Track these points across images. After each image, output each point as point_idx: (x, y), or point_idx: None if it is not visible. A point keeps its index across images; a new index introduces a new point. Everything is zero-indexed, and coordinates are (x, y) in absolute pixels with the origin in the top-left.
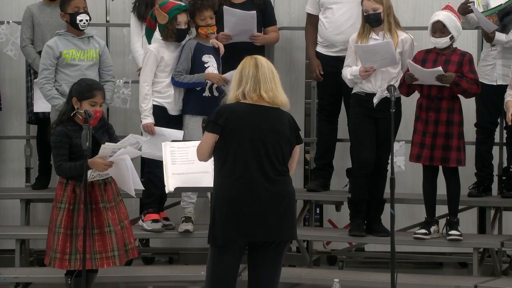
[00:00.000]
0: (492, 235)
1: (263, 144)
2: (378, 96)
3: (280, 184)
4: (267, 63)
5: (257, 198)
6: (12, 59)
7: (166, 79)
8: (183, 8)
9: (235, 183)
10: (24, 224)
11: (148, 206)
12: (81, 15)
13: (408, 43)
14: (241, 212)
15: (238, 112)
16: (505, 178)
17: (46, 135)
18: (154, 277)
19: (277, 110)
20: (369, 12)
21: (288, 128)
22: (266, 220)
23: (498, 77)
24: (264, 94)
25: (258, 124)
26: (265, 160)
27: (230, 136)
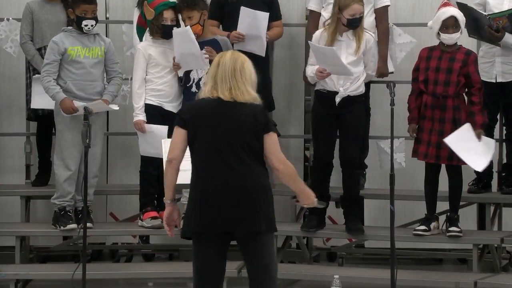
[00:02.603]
0: (492, 231)
1: (224, 136)
2: (340, 95)
3: (242, 174)
4: (232, 60)
5: (217, 189)
6: (11, 56)
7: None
8: (170, 4)
9: (198, 175)
10: (24, 221)
11: (146, 205)
12: (87, 20)
13: (371, 42)
14: (203, 203)
15: (200, 106)
16: (505, 175)
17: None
18: (154, 274)
19: (240, 103)
20: (356, 16)
21: (252, 118)
22: (225, 211)
23: (497, 74)
24: (221, 95)
25: (218, 117)
26: (226, 152)
27: (194, 129)
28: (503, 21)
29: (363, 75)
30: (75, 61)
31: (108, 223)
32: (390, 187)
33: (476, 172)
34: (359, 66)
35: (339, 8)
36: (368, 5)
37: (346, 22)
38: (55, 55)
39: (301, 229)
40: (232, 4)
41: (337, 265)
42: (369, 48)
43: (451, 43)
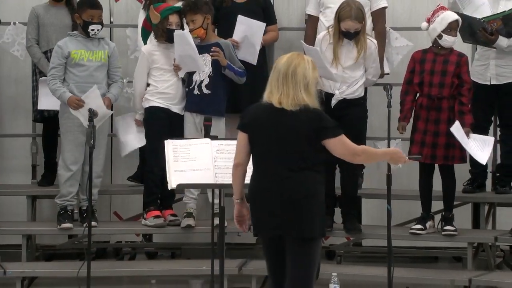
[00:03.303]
0: (486, 230)
1: (276, 143)
2: (335, 98)
3: (291, 181)
4: (285, 65)
5: (269, 194)
6: (18, 59)
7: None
8: (175, 9)
9: (255, 178)
10: (30, 220)
11: (149, 204)
12: (93, 25)
13: (372, 48)
14: (257, 207)
15: (257, 111)
16: (499, 175)
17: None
18: (157, 271)
19: (289, 110)
20: (350, 31)
21: (309, 125)
22: (274, 216)
23: (491, 76)
24: (273, 101)
25: (271, 123)
26: (278, 159)
27: (252, 133)
28: (497, 24)
29: (361, 79)
30: (78, 64)
31: (112, 222)
32: (387, 187)
33: (471, 172)
34: (357, 71)
35: (338, 18)
36: (364, 8)
37: (342, 33)
38: (60, 58)
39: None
40: (227, 8)
41: (336, 263)
42: (369, 54)
43: (450, 46)
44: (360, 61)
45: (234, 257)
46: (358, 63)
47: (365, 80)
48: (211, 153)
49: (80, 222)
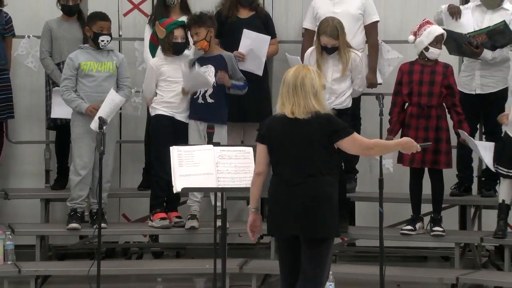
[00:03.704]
0: (472, 231)
1: (291, 151)
2: None
3: (308, 183)
4: (293, 77)
5: (286, 198)
6: (32, 71)
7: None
8: (179, 23)
9: (274, 183)
10: (44, 222)
11: (156, 207)
12: (103, 36)
13: (356, 60)
14: (275, 209)
15: (273, 122)
16: (484, 179)
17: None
18: (163, 270)
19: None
20: (327, 46)
21: (321, 130)
22: (291, 218)
23: (476, 86)
24: (285, 112)
25: (285, 132)
26: (294, 166)
27: (270, 144)
28: (482, 38)
29: (349, 91)
30: (88, 75)
31: (120, 223)
32: (379, 190)
33: (458, 177)
34: (344, 83)
35: (317, 33)
36: (358, 22)
37: (322, 47)
38: (71, 70)
39: None
40: (231, 23)
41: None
42: (355, 66)
43: (436, 57)
44: (347, 73)
45: (235, 256)
46: (345, 75)
47: (352, 91)
48: (214, 159)
49: (90, 223)
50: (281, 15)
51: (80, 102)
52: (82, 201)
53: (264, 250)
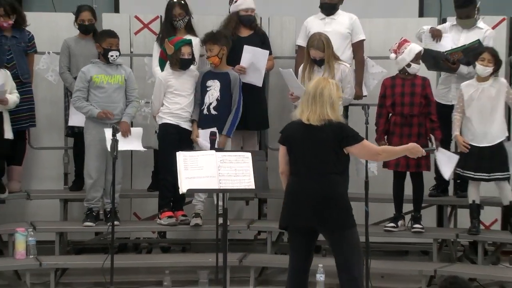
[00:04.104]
0: (449, 228)
1: (307, 153)
2: None
3: (318, 183)
4: (313, 88)
5: (301, 195)
6: (52, 84)
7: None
8: (186, 41)
9: (291, 181)
10: (62, 220)
11: (163, 206)
12: (112, 51)
13: (346, 71)
14: (291, 204)
15: (292, 127)
16: (459, 182)
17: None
18: (170, 263)
19: (316, 126)
20: (315, 58)
21: (332, 136)
22: (306, 212)
23: (452, 98)
24: (303, 119)
25: (302, 137)
26: (309, 166)
27: (289, 145)
28: (458, 55)
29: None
30: (99, 87)
31: (132, 221)
32: (365, 191)
33: (436, 179)
34: None
35: (307, 46)
36: (346, 40)
37: (311, 59)
38: (83, 82)
39: None
40: (234, 41)
41: (321, 256)
42: (344, 76)
43: (416, 72)
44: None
45: (235, 251)
46: None
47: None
48: (216, 163)
49: (105, 221)
50: (277, 33)
51: (92, 108)
52: (96, 202)
53: (262, 246)
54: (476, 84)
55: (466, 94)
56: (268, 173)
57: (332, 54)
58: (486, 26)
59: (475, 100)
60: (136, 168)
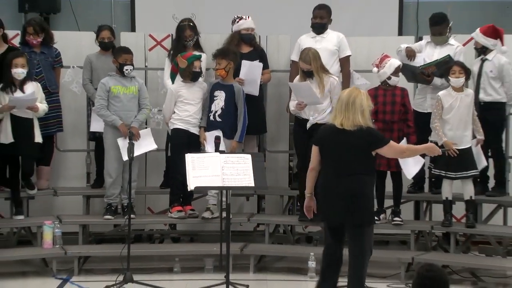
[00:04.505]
0: (425, 221)
1: (338, 154)
2: (310, 122)
3: (348, 182)
4: (347, 94)
5: (335, 190)
6: (76, 94)
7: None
8: (197, 57)
9: (324, 178)
10: (85, 214)
11: (174, 202)
12: (127, 66)
13: (334, 83)
14: (325, 201)
15: (325, 130)
16: (434, 180)
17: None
18: (180, 252)
19: (348, 130)
20: (304, 69)
21: (363, 140)
22: (337, 209)
23: (428, 106)
24: (336, 123)
25: (334, 139)
26: (340, 166)
27: (322, 146)
28: (432, 69)
29: (328, 108)
30: (116, 97)
31: (146, 215)
32: None
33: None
34: (324, 102)
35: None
36: (334, 55)
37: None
38: (103, 92)
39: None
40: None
41: (313, 245)
42: (333, 88)
43: (396, 84)
44: (327, 94)
45: (237, 241)
46: (325, 96)
47: (331, 108)
48: (220, 164)
49: (122, 215)
50: (274, 50)
51: (115, 118)
52: (115, 197)
53: (260, 236)
54: (454, 94)
55: (446, 103)
56: (266, 173)
57: (321, 67)
58: (457, 43)
59: (455, 108)
60: (149, 168)
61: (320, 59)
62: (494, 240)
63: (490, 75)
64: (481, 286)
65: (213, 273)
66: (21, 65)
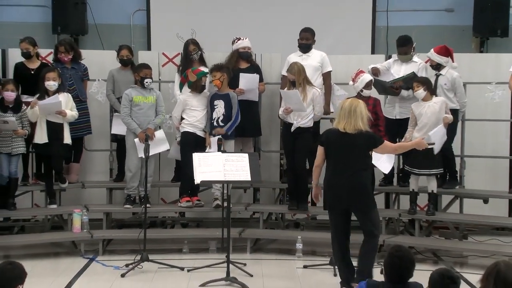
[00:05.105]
0: (393, 209)
1: (343, 154)
2: (294, 126)
3: (351, 176)
4: (349, 104)
5: (339, 183)
6: (101, 102)
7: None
8: (205, 73)
9: (330, 173)
10: (108, 203)
11: (183, 193)
12: (147, 79)
13: (316, 94)
14: (331, 191)
15: (330, 133)
16: (401, 175)
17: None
18: (188, 235)
19: (351, 133)
20: (291, 80)
21: (363, 141)
22: (342, 197)
23: (396, 114)
24: (339, 128)
25: (338, 141)
26: (344, 163)
27: (327, 147)
28: (399, 83)
29: (310, 115)
30: (137, 105)
31: (159, 204)
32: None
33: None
34: (307, 109)
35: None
36: (317, 71)
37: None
38: (127, 101)
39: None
40: (235, 71)
41: (300, 230)
42: (315, 98)
43: (368, 95)
44: (309, 102)
45: (236, 226)
46: (308, 104)
47: (313, 115)
48: (222, 161)
49: (139, 204)
50: (267, 65)
51: (136, 127)
52: (134, 190)
53: (255, 223)
54: (422, 103)
55: (416, 111)
56: (260, 169)
57: (305, 79)
58: (420, 60)
59: (423, 114)
60: (162, 165)
61: (305, 72)
62: (452, 226)
63: (445, 87)
64: (441, 264)
65: (216, 253)
66: (52, 78)
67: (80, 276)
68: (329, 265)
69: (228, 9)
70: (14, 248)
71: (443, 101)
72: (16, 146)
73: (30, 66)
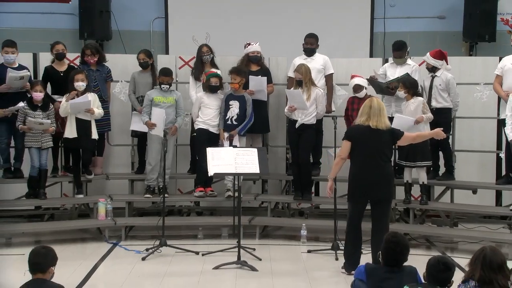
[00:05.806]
0: None
1: (371, 148)
2: (298, 123)
3: (381, 168)
4: (377, 103)
5: (367, 176)
6: (123, 101)
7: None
8: (215, 74)
9: (357, 167)
10: (130, 193)
11: (198, 184)
12: (164, 85)
13: (319, 94)
14: (357, 183)
15: (358, 129)
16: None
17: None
18: (203, 223)
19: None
20: (296, 79)
21: (388, 136)
22: (367, 188)
23: (392, 112)
24: (370, 124)
25: (368, 137)
26: (371, 157)
27: (355, 142)
28: (394, 84)
29: (314, 113)
30: (157, 104)
31: (176, 194)
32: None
33: None
34: (311, 108)
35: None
36: (320, 73)
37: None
38: (148, 101)
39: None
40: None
41: (304, 218)
42: (318, 97)
43: (362, 97)
44: (312, 101)
45: (246, 214)
46: (311, 103)
47: (316, 113)
48: (233, 155)
49: (158, 194)
50: (274, 68)
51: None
52: (153, 181)
53: (264, 211)
54: (405, 102)
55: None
56: (268, 162)
57: (310, 80)
58: (413, 63)
59: (404, 111)
60: (179, 158)
61: (310, 74)
62: (444, 214)
63: (439, 88)
64: (434, 249)
65: (228, 239)
66: (81, 79)
67: (104, 260)
68: (331, 250)
69: (239, 17)
70: (44, 234)
71: (420, 101)
72: (45, 141)
73: (59, 69)
